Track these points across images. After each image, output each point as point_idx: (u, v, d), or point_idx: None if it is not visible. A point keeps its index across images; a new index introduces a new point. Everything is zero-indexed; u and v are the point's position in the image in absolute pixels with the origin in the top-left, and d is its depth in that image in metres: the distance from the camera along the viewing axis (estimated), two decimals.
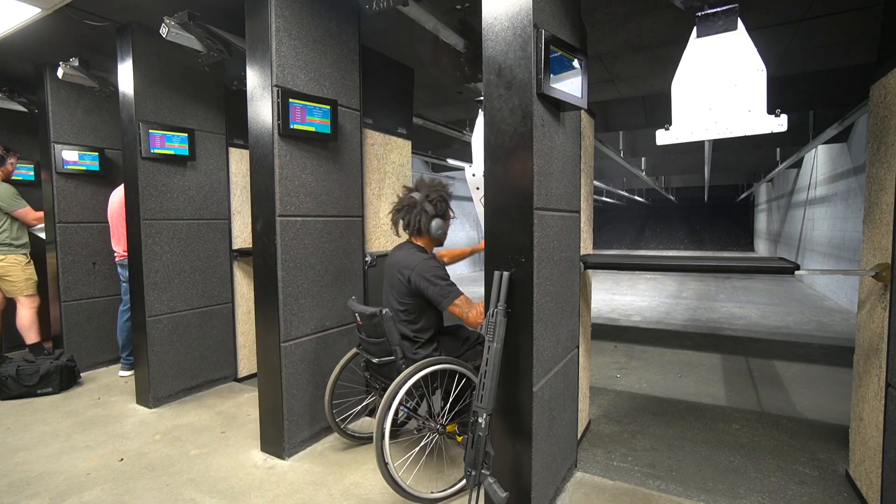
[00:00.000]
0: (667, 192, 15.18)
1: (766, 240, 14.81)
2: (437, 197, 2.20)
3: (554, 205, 1.83)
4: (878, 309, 1.88)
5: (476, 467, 1.58)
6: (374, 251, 2.93)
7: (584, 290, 2.45)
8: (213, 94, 3.35)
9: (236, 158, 3.50)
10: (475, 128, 3.07)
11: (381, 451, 1.84)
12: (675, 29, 2.84)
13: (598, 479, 2.19)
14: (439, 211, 2.21)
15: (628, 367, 3.93)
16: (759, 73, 1.74)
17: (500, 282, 1.65)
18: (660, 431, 2.71)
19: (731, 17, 1.76)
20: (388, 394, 1.90)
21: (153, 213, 3.01)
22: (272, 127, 2.23)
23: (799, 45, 3.10)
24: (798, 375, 3.69)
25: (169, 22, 2.42)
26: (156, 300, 3.04)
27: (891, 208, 1.78)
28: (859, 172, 5.86)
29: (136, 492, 2.09)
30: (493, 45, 1.66)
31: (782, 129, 1.72)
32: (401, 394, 1.90)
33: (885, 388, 1.80)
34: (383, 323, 2.03)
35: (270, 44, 2.21)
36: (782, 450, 2.48)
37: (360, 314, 2.12)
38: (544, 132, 1.70)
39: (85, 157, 3.67)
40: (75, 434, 2.65)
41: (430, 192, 2.20)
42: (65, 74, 3.13)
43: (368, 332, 2.13)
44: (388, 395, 1.89)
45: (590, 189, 2.56)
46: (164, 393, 3.09)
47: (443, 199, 2.21)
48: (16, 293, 3.59)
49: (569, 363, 2.10)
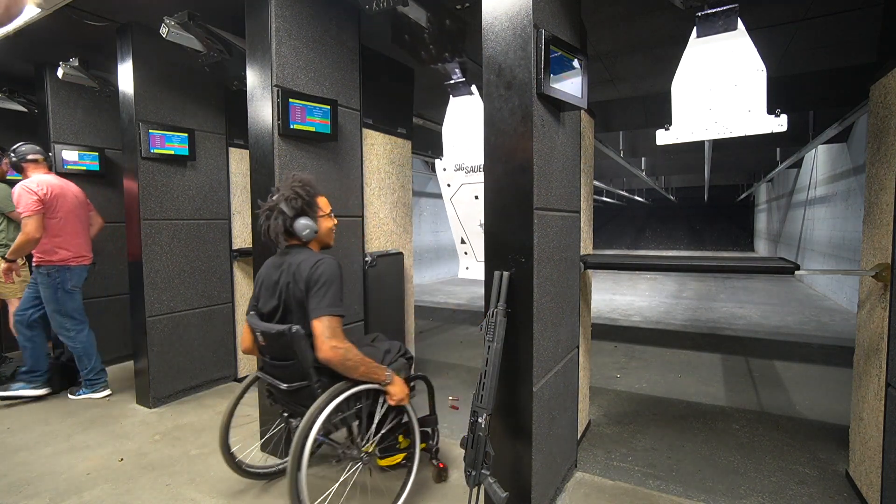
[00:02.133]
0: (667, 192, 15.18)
1: (766, 240, 14.81)
2: (292, 195, 1.84)
3: (554, 205, 1.83)
4: (878, 309, 1.88)
5: (476, 467, 1.58)
6: (374, 251, 2.93)
7: (584, 290, 2.45)
8: (213, 94, 3.35)
9: (236, 158, 3.50)
10: (446, 117, 2.82)
11: (296, 487, 1.60)
12: (675, 29, 2.84)
13: (598, 479, 2.19)
14: (297, 208, 1.83)
15: (628, 367, 3.93)
16: (759, 73, 1.74)
17: (500, 282, 1.65)
18: (660, 431, 2.71)
19: (731, 17, 1.76)
20: (305, 422, 1.63)
21: (153, 213, 3.01)
22: (272, 127, 2.23)
23: (799, 45, 3.10)
24: (798, 375, 3.69)
25: (169, 22, 2.42)
26: (156, 300, 3.04)
27: (891, 208, 1.78)
28: (859, 172, 5.86)
29: (136, 492, 2.09)
30: (493, 45, 1.66)
31: (782, 129, 1.73)
32: (319, 421, 1.64)
33: (885, 388, 1.80)
34: (294, 343, 1.70)
35: (270, 44, 2.21)
36: (782, 450, 2.48)
37: (264, 333, 1.79)
38: (544, 132, 1.70)
39: (85, 157, 3.67)
40: (75, 434, 2.65)
41: (285, 190, 1.86)
42: (65, 74, 3.13)
43: (274, 354, 1.82)
44: (306, 424, 1.63)
45: (590, 189, 2.56)
46: (164, 393, 3.09)
47: (298, 195, 1.84)
48: (9, 295, 3.55)
49: (569, 363, 2.10)
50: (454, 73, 2.66)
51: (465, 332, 5.31)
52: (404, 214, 3.25)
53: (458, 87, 2.73)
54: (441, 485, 2.11)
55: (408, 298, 3.23)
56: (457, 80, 2.70)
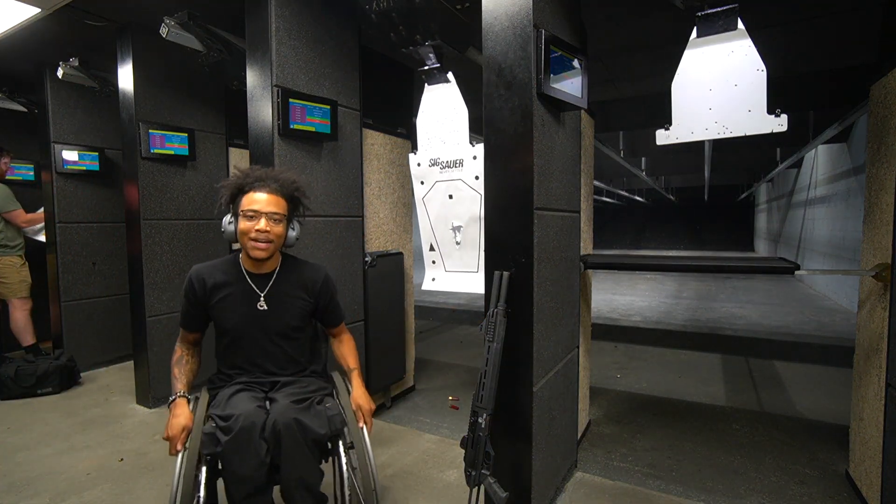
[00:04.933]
0: (667, 191, 15.17)
1: (767, 240, 14.81)
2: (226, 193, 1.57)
3: (554, 205, 1.83)
4: (878, 309, 1.88)
5: (476, 467, 1.58)
6: (374, 251, 2.93)
7: (584, 290, 2.45)
8: (213, 94, 3.35)
9: (236, 158, 3.50)
10: (420, 107, 2.56)
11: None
12: (675, 29, 2.84)
13: (598, 479, 2.19)
14: (227, 208, 1.59)
15: (628, 367, 3.93)
16: (759, 73, 1.74)
17: (500, 282, 1.65)
18: (660, 431, 2.71)
19: (731, 17, 1.76)
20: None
21: (153, 213, 3.01)
22: (272, 127, 2.23)
23: (799, 45, 3.10)
24: (798, 375, 3.69)
25: (169, 22, 2.42)
26: (156, 300, 3.04)
27: (891, 208, 1.78)
28: (859, 172, 5.86)
29: (136, 492, 2.09)
30: (493, 45, 1.66)
31: (782, 129, 1.72)
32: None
33: (885, 388, 1.80)
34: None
35: (270, 44, 2.21)
36: (782, 450, 2.48)
37: None
38: (544, 132, 1.70)
39: (85, 157, 3.67)
40: (75, 434, 2.65)
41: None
42: (65, 74, 3.13)
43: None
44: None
45: (590, 189, 2.55)
46: (164, 393, 3.09)
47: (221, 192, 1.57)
48: (9, 295, 3.55)
49: (569, 363, 2.10)
50: (428, 58, 2.44)
51: (465, 332, 5.31)
52: (404, 214, 3.25)
53: (434, 75, 2.47)
54: (441, 485, 2.11)
55: (408, 298, 3.23)
56: (431, 67, 2.45)
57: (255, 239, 1.50)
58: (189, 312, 1.61)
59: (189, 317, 1.62)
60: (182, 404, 1.52)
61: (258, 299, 1.58)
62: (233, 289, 1.57)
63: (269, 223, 1.51)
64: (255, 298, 1.58)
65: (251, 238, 1.50)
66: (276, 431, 1.38)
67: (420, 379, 3.56)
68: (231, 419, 1.37)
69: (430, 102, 2.52)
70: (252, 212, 1.50)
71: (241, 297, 1.57)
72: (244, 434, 1.35)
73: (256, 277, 1.59)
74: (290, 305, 1.61)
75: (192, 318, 1.62)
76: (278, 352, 1.61)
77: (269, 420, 1.40)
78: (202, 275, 1.57)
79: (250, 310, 1.57)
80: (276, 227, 1.53)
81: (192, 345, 1.67)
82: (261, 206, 1.50)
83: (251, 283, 1.58)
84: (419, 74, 2.50)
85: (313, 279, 1.66)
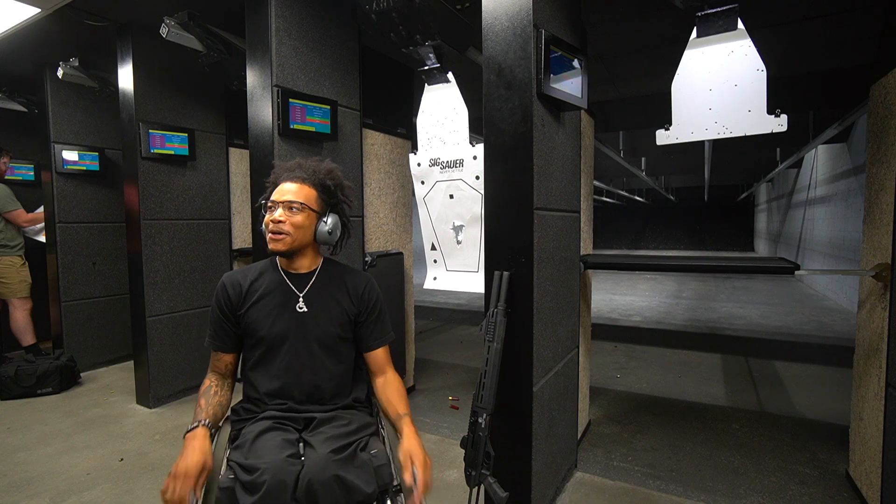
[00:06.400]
0: (667, 191, 15.16)
1: (767, 240, 14.81)
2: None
3: (554, 205, 1.83)
4: (878, 309, 1.88)
5: (476, 467, 1.58)
6: (374, 251, 2.93)
7: (584, 291, 2.45)
8: (213, 94, 3.35)
9: (236, 158, 3.50)
10: (420, 107, 2.57)
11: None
12: (675, 29, 2.84)
13: (598, 479, 2.19)
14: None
15: (628, 367, 3.93)
16: (759, 73, 1.74)
17: (500, 282, 1.65)
18: (660, 431, 2.71)
19: (731, 17, 1.76)
20: None
21: (153, 213, 3.01)
22: (272, 127, 2.23)
23: (799, 45, 3.10)
24: (798, 375, 3.69)
25: (169, 22, 2.42)
26: (156, 300, 3.04)
27: (891, 208, 1.78)
28: (859, 172, 5.86)
29: (136, 492, 2.09)
30: (493, 45, 1.66)
31: (782, 129, 1.72)
32: None
33: (885, 388, 1.80)
34: None
35: (270, 44, 2.21)
36: (782, 450, 2.48)
37: None
38: (544, 132, 1.70)
39: (85, 157, 3.67)
40: (75, 434, 2.65)
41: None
42: (65, 74, 3.13)
43: None
44: None
45: (590, 189, 2.55)
46: (164, 393, 3.09)
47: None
48: (9, 295, 3.55)
49: (569, 363, 2.10)
50: (428, 58, 2.43)
51: (465, 332, 5.31)
52: (404, 214, 3.25)
53: (434, 75, 2.47)
54: (441, 485, 2.11)
55: (408, 298, 3.23)
56: (431, 67, 2.45)
57: (271, 231, 1.34)
58: (221, 327, 1.40)
59: (222, 332, 1.40)
60: (203, 436, 1.20)
61: (297, 300, 1.39)
62: (269, 289, 1.40)
63: (285, 213, 1.33)
64: (294, 299, 1.39)
65: (269, 231, 1.35)
66: (311, 491, 1.11)
67: (420, 379, 3.56)
68: (256, 472, 1.10)
69: (430, 102, 2.52)
70: (271, 202, 1.36)
71: (279, 297, 1.39)
72: (271, 496, 1.08)
73: (294, 277, 1.42)
74: (332, 309, 1.41)
75: (226, 334, 1.40)
76: (319, 366, 1.37)
77: (304, 476, 1.12)
78: (236, 278, 1.42)
79: (288, 311, 1.37)
80: (295, 216, 1.34)
81: (223, 375, 1.42)
82: (279, 196, 1.35)
83: (289, 282, 1.41)
84: (419, 74, 2.49)
85: (356, 284, 1.47)
